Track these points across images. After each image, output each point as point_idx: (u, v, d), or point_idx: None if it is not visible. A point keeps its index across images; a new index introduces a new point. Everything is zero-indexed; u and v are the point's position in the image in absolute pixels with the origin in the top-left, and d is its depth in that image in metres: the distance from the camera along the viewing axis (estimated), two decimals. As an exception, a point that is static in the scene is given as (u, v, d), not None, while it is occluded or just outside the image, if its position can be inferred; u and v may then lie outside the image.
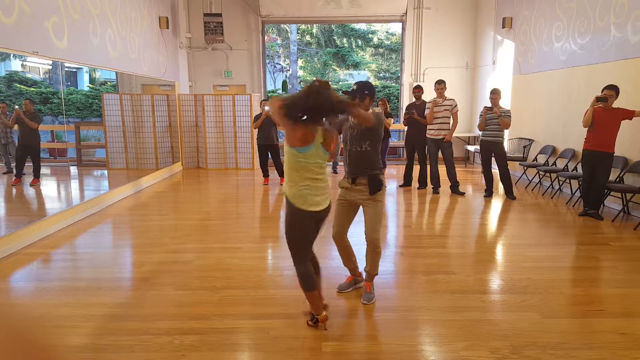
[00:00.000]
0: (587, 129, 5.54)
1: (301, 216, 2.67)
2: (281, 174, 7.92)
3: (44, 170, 6.17)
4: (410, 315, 3.09)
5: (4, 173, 5.82)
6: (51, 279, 3.82)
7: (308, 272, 2.75)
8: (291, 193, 2.67)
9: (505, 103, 8.32)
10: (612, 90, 5.30)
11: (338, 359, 2.56)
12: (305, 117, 2.57)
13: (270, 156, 7.98)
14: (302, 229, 2.74)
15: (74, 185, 6.80)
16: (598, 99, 5.33)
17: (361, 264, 3.43)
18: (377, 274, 3.35)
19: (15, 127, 5.49)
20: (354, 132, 3.12)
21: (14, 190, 5.85)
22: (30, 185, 5.87)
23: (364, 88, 3.11)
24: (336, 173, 9.22)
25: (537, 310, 3.13)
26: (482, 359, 2.54)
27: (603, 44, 6.28)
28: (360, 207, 3.26)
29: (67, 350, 2.65)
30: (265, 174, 8.10)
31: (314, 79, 2.99)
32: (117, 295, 3.42)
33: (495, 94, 6.63)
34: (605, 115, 5.34)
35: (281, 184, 7.91)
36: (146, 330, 2.87)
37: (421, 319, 3.04)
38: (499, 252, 4.52)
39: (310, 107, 2.51)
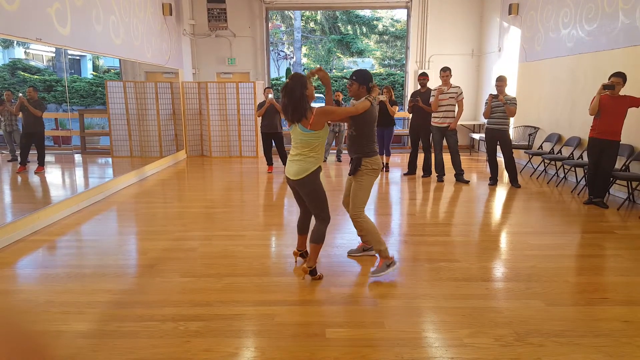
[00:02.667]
0: (593, 116, 5.49)
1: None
2: (285, 162, 7.90)
3: (48, 158, 6.18)
4: (413, 302, 3.10)
5: (8, 161, 5.84)
6: (56, 265, 3.85)
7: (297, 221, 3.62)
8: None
9: (510, 90, 8.24)
10: (620, 77, 5.23)
11: (342, 345, 2.58)
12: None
13: (274, 144, 7.96)
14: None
15: (79, 172, 6.83)
16: (605, 87, 5.26)
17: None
18: (382, 249, 3.44)
19: (20, 114, 5.49)
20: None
21: (19, 178, 5.87)
22: (35, 172, 5.89)
23: (352, 74, 3.44)
24: (340, 161, 9.20)
25: (541, 298, 3.13)
26: (486, 346, 2.55)
27: (611, 31, 6.18)
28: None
29: (73, 336, 2.68)
30: (269, 162, 8.09)
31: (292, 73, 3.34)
32: (122, 282, 3.45)
33: (501, 81, 6.56)
34: (611, 103, 5.28)
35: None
36: (151, 316, 2.90)
37: (425, 306, 3.04)
38: (503, 240, 4.51)
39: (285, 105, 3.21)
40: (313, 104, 3.28)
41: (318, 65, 3.67)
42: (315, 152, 3.25)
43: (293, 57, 21.46)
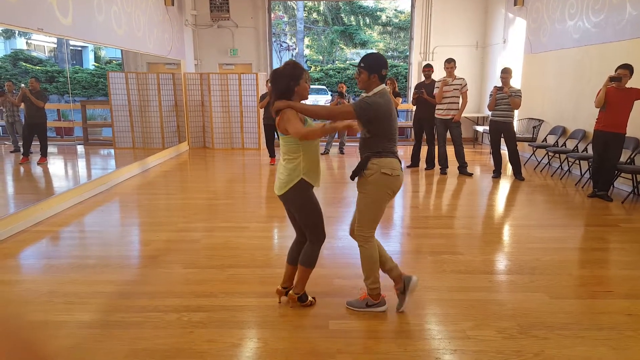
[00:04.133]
0: (598, 109, 5.44)
1: (308, 187, 2.73)
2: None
3: (51, 149, 6.18)
4: (416, 294, 3.08)
5: (11, 152, 5.84)
6: (60, 256, 3.86)
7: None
8: (303, 168, 2.70)
9: (515, 82, 8.18)
10: (627, 69, 5.17)
11: (345, 336, 2.57)
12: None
13: (276, 136, 7.94)
14: (314, 199, 2.78)
15: (81, 164, 6.83)
16: (611, 79, 5.21)
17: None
18: (373, 288, 2.79)
19: (22, 105, 5.48)
20: None
21: (21, 169, 5.88)
22: (38, 164, 5.89)
23: (361, 60, 2.70)
24: (343, 154, 9.17)
25: (544, 291, 3.12)
26: (489, 339, 2.54)
27: (618, 22, 6.11)
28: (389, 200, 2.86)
29: (76, 326, 2.68)
30: (272, 154, 8.08)
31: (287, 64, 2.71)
32: (125, 273, 3.45)
33: (505, 73, 6.51)
34: (618, 95, 5.23)
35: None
36: (154, 307, 2.90)
37: (428, 298, 3.04)
38: (507, 233, 4.50)
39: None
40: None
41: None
42: (296, 162, 2.62)
43: (295, 48, 21.35)
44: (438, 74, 7.60)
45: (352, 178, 2.74)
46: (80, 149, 7.07)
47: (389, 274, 2.88)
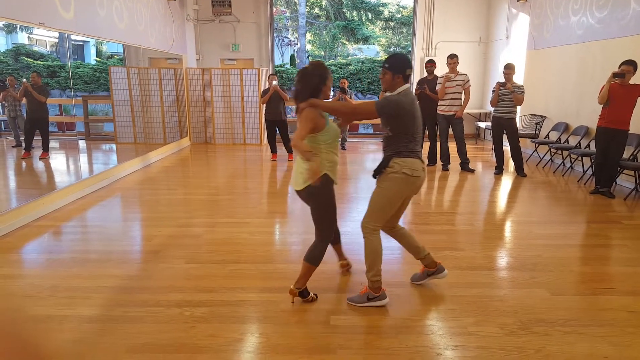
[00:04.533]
0: (601, 105, 5.42)
1: (327, 183, 2.76)
2: (289, 150, 7.88)
3: (52, 144, 6.19)
4: (418, 290, 3.09)
5: (13, 146, 5.84)
6: (62, 251, 3.87)
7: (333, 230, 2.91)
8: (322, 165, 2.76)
9: (518, 78, 8.15)
10: (630, 65, 5.14)
11: (346, 332, 2.58)
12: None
13: (278, 132, 7.93)
14: (328, 195, 2.81)
15: (83, 159, 6.83)
16: (615, 75, 5.18)
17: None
18: (374, 280, 2.80)
19: (24, 100, 5.48)
20: None
21: (23, 164, 5.88)
22: (40, 158, 5.89)
23: (385, 61, 2.74)
24: (344, 149, 9.15)
25: (546, 288, 3.12)
26: (490, 335, 2.55)
27: (622, 18, 6.07)
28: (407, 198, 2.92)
29: (79, 321, 2.69)
30: (273, 150, 8.06)
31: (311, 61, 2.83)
32: (127, 268, 3.46)
33: (508, 69, 6.48)
34: (621, 92, 5.20)
35: (289, 160, 7.88)
36: (156, 302, 2.91)
37: (429, 294, 3.04)
38: (508, 229, 4.49)
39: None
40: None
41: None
42: (320, 158, 2.65)
43: (297, 44, 21.27)
44: (440, 69, 7.57)
45: (375, 176, 2.82)
46: (82, 144, 7.07)
47: (423, 261, 3.05)
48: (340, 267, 3.34)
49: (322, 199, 2.74)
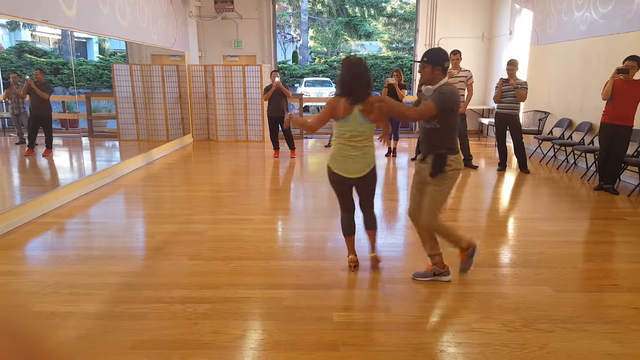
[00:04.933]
0: (605, 101, 5.39)
1: (329, 173, 3.10)
2: (292, 147, 7.88)
3: (56, 141, 6.21)
4: (421, 287, 3.09)
5: (17, 143, 5.87)
6: (65, 247, 3.88)
7: (342, 220, 3.26)
8: (329, 155, 3.09)
9: (521, 74, 8.11)
10: (634, 61, 5.11)
11: (349, 328, 2.58)
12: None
13: (280, 128, 7.92)
14: (330, 184, 3.15)
15: (86, 156, 6.85)
16: (619, 71, 5.15)
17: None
18: (463, 247, 3.04)
19: (27, 97, 5.49)
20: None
21: (27, 161, 5.91)
22: (43, 155, 5.91)
23: (424, 55, 2.89)
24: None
25: (549, 284, 3.12)
26: (493, 332, 2.54)
27: (626, 13, 6.03)
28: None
29: (82, 317, 2.70)
30: (276, 147, 8.06)
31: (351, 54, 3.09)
32: (130, 265, 3.47)
33: (512, 65, 6.45)
34: (625, 88, 5.17)
35: (292, 157, 7.88)
36: (160, 298, 2.92)
37: (432, 291, 3.04)
38: (512, 225, 4.48)
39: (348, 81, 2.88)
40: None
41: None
42: (372, 142, 3.03)
43: (300, 40, 21.23)
44: (443, 65, 7.53)
45: (433, 176, 2.87)
46: (85, 141, 7.09)
47: (432, 259, 3.14)
48: (371, 260, 3.41)
49: (375, 178, 3.13)
